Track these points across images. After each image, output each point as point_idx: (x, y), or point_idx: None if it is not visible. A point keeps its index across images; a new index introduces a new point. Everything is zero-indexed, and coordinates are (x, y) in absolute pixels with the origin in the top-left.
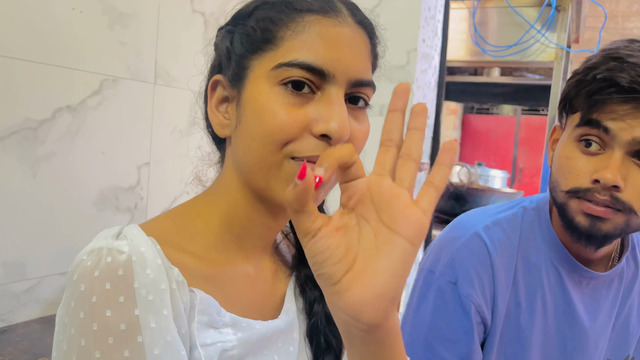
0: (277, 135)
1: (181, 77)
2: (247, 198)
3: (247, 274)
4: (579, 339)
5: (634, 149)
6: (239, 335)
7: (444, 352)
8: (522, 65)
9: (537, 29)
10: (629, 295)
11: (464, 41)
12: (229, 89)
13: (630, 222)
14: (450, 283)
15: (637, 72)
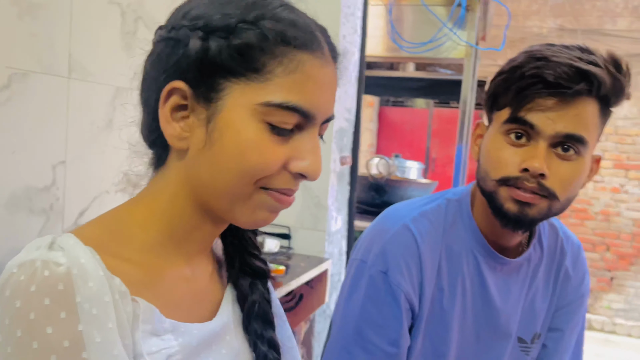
0: (259, 173)
1: (98, 71)
2: (195, 209)
3: (185, 278)
4: (492, 319)
5: (555, 141)
6: (180, 340)
7: (373, 337)
8: (435, 61)
9: (449, 27)
10: (535, 278)
11: (381, 37)
12: (192, 102)
13: (552, 207)
14: (381, 272)
15: (562, 70)
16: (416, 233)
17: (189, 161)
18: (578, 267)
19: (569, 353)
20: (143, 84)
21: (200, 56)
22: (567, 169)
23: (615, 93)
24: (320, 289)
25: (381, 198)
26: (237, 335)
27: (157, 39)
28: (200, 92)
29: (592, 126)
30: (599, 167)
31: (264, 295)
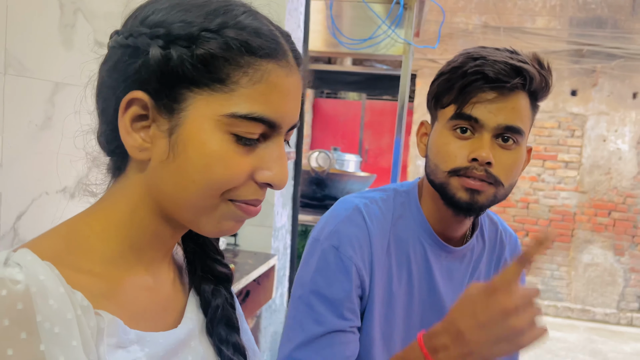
0: (225, 185)
1: (35, 66)
2: (156, 218)
3: (147, 287)
4: (435, 303)
5: (497, 133)
6: (146, 350)
7: (323, 310)
8: (372, 56)
9: (387, 25)
10: (477, 268)
11: (320, 32)
12: (153, 112)
13: (498, 193)
14: (333, 247)
15: (500, 67)
16: (366, 216)
17: (151, 172)
18: None
19: None
20: (99, 91)
21: (161, 66)
22: (509, 157)
23: (542, 88)
24: (267, 284)
25: (322, 192)
26: (202, 341)
27: (114, 44)
28: (162, 103)
29: (525, 118)
30: (530, 157)
31: (227, 299)
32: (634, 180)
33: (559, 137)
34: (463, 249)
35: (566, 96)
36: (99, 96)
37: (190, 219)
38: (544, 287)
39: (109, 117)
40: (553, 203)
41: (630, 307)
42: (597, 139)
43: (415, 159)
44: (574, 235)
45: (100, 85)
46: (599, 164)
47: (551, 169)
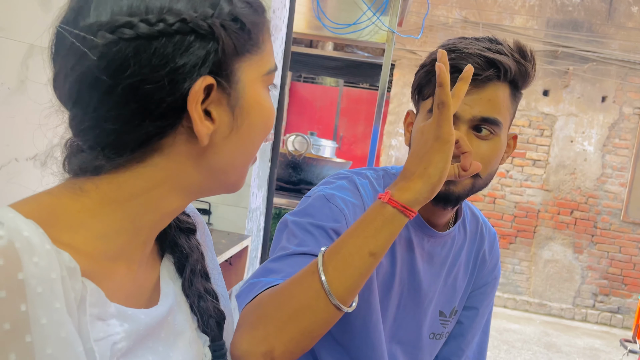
0: (269, 133)
1: (10, 26)
2: (179, 198)
3: (130, 265)
4: (414, 285)
5: (473, 124)
6: (125, 326)
7: (305, 237)
8: (354, 42)
9: (373, 11)
10: (458, 258)
11: (305, 14)
12: (216, 93)
13: (475, 183)
14: (324, 197)
15: (474, 60)
16: (359, 185)
17: (207, 152)
18: (493, 253)
19: (481, 329)
20: (120, 88)
21: (223, 44)
22: (485, 148)
23: (522, 77)
24: (239, 265)
25: (298, 175)
26: (176, 313)
27: (144, 34)
28: (224, 81)
29: (504, 108)
30: (515, 143)
31: (199, 250)
32: (597, 181)
33: (529, 136)
34: (445, 235)
35: (538, 96)
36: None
37: (234, 180)
38: (505, 281)
39: (139, 110)
40: (519, 199)
41: (585, 304)
42: (565, 139)
43: (388, 149)
44: (537, 231)
45: (112, 83)
46: (565, 164)
47: (519, 166)
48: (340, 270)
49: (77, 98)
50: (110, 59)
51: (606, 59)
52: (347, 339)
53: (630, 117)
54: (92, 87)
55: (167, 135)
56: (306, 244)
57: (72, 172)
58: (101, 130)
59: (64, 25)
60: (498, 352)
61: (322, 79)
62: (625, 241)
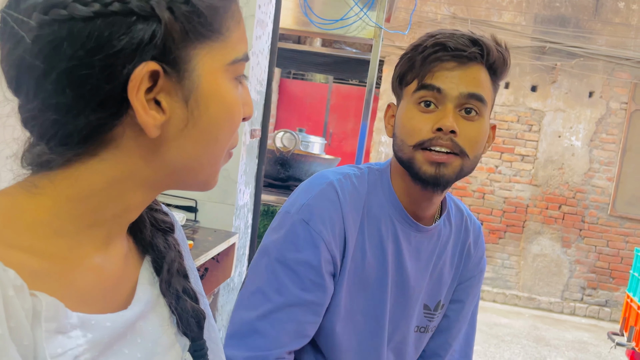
0: (236, 130)
1: None
2: (141, 191)
3: (95, 265)
4: (403, 282)
5: (460, 102)
6: (89, 336)
7: (285, 279)
8: (342, 38)
9: (360, 7)
10: (444, 251)
11: (292, 10)
12: (164, 81)
13: (464, 165)
14: (303, 221)
15: (459, 40)
16: (340, 191)
17: (163, 146)
18: (478, 246)
19: (467, 322)
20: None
21: (169, 29)
22: (473, 128)
23: (501, 63)
24: (226, 263)
25: (286, 172)
26: (153, 318)
27: (79, 15)
28: (172, 69)
29: (487, 89)
30: (495, 134)
31: (177, 249)
32: (585, 176)
33: (517, 131)
34: (432, 229)
35: (526, 91)
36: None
37: (204, 179)
38: (495, 275)
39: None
40: (508, 195)
41: (573, 297)
42: (553, 134)
43: (378, 145)
44: (526, 226)
45: (46, 68)
46: (553, 159)
47: (508, 161)
48: None
49: (16, 85)
50: (44, 42)
51: (593, 55)
52: (321, 336)
53: (617, 112)
54: (28, 73)
55: (115, 126)
56: (285, 291)
57: (28, 168)
58: (44, 120)
59: (6, 8)
60: (488, 346)
61: (312, 76)
62: (612, 235)
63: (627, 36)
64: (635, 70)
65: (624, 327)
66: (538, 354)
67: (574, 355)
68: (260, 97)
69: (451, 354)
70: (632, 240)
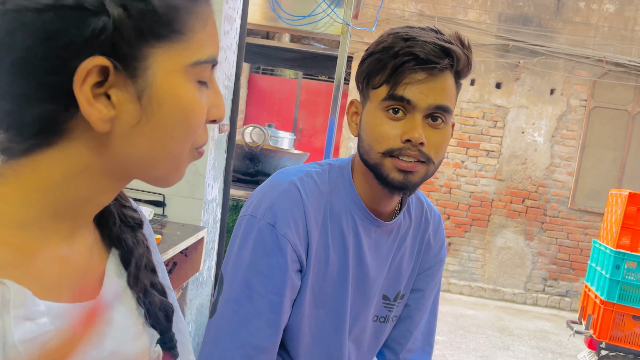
0: (197, 131)
1: None
2: (101, 184)
3: (62, 256)
4: (363, 275)
5: (428, 113)
6: (57, 323)
7: (259, 287)
8: (310, 34)
9: (327, 3)
10: (403, 243)
11: (260, 5)
12: (114, 77)
13: (429, 170)
14: (269, 225)
15: (430, 48)
16: (302, 190)
17: (114, 141)
18: (438, 236)
19: (428, 310)
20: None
21: (121, 25)
22: (439, 136)
23: (466, 66)
24: (195, 257)
25: (255, 167)
26: (120, 308)
27: (33, 6)
28: (124, 65)
29: (452, 97)
30: (452, 131)
31: (145, 244)
32: (547, 171)
33: (483, 127)
34: (391, 224)
35: (491, 88)
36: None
37: (161, 175)
38: (461, 268)
39: (31, 91)
40: (473, 189)
41: (535, 288)
42: (517, 130)
43: (347, 141)
44: (490, 220)
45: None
46: (516, 154)
47: (474, 156)
48: None
49: None
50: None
51: (554, 53)
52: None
53: (577, 109)
54: None
55: (69, 119)
56: (259, 298)
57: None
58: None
59: None
60: (454, 337)
61: (281, 71)
62: (572, 228)
63: (587, 35)
64: (594, 69)
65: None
66: (502, 343)
67: (535, 343)
68: (228, 92)
69: (413, 342)
70: (591, 232)
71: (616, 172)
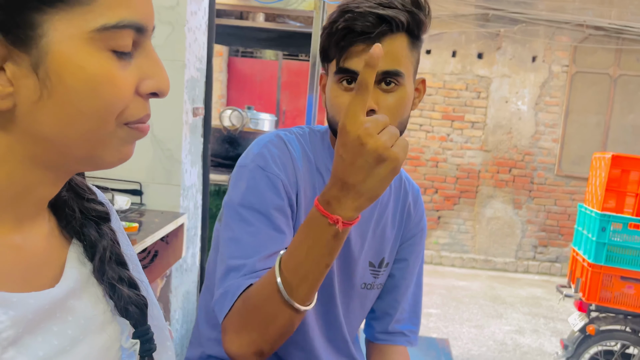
0: (117, 107)
1: None
2: (31, 171)
3: (13, 245)
4: None
5: (378, 79)
6: (11, 313)
7: (255, 221)
8: (285, 12)
9: None
10: (384, 213)
11: None
12: (3, 49)
13: None
14: (259, 167)
15: (367, 20)
16: (287, 141)
17: (21, 119)
18: (417, 207)
19: (413, 281)
20: None
21: None
22: (392, 100)
23: (417, 26)
24: (176, 244)
25: (235, 150)
26: (82, 297)
27: None
28: (12, 36)
29: (403, 58)
30: (425, 87)
31: (111, 237)
32: (532, 139)
33: (466, 99)
34: None
35: (473, 59)
36: None
37: (86, 155)
38: (452, 241)
39: None
40: (460, 162)
41: (526, 256)
42: (500, 100)
43: None
44: (479, 191)
45: None
46: (501, 124)
47: (459, 129)
48: (302, 286)
49: None
50: None
51: (534, 20)
52: None
53: (559, 75)
54: None
55: None
56: (258, 233)
57: None
58: None
59: None
60: (447, 308)
61: (261, 53)
62: (559, 194)
63: (566, 0)
64: (575, 33)
65: (571, 280)
66: (495, 312)
67: (528, 310)
68: (200, 75)
69: (400, 312)
70: (578, 197)
71: (600, 136)
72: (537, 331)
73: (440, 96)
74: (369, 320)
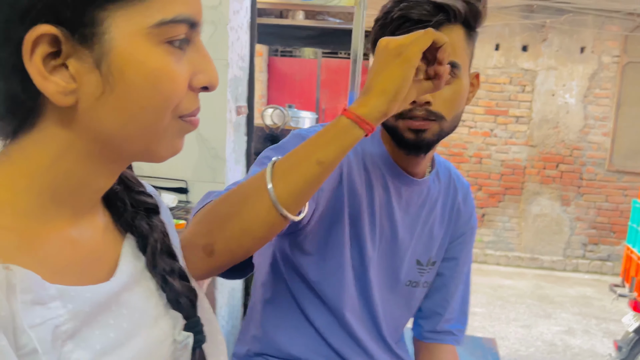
0: (174, 100)
1: None
2: (88, 165)
3: (71, 239)
4: (391, 232)
5: None
6: (69, 307)
7: (269, 158)
8: (325, 9)
9: None
10: (434, 209)
11: None
12: (68, 46)
13: (443, 127)
14: (300, 134)
15: (423, 8)
16: None
17: (83, 115)
18: (468, 204)
19: (462, 280)
20: None
21: None
22: (448, 92)
23: (473, 16)
24: None
25: None
26: (137, 291)
27: None
28: (77, 33)
29: (460, 49)
30: (479, 81)
31: (161, 229)
32: (580, 133)
33: (511, 93)
34: (421, 183)
35: (517, 52)
36: None
37: (143, 149)
38: (497, 239)
39: None
40: (504, 157)
41: (575, 254)
42: (546, 93)
43: None
44: (524, 187)
45: None
46: (547, 118)
47: (503, 124)
48: (286, 175)
49: None
50: None
51: (582, 9)
52: (323, 282)
53: (610, 66)
54: None
55: (33, 95)
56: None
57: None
58: None
59: None
60: (493, 307)
61: (300, 52)
62: (611, 190)
63: None
64: (626, 22)
65: (625, 279)
66: (543, 312)
67: (578, 310)
68: (243, 73)
69: (450, 311)
70: (631, 193)
71: None
72: (588, 332)
73: (483, 90)
74: (417, 319)
